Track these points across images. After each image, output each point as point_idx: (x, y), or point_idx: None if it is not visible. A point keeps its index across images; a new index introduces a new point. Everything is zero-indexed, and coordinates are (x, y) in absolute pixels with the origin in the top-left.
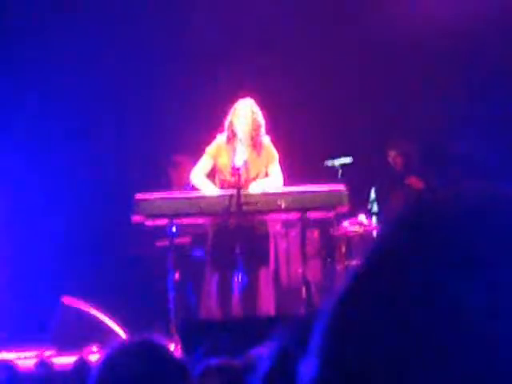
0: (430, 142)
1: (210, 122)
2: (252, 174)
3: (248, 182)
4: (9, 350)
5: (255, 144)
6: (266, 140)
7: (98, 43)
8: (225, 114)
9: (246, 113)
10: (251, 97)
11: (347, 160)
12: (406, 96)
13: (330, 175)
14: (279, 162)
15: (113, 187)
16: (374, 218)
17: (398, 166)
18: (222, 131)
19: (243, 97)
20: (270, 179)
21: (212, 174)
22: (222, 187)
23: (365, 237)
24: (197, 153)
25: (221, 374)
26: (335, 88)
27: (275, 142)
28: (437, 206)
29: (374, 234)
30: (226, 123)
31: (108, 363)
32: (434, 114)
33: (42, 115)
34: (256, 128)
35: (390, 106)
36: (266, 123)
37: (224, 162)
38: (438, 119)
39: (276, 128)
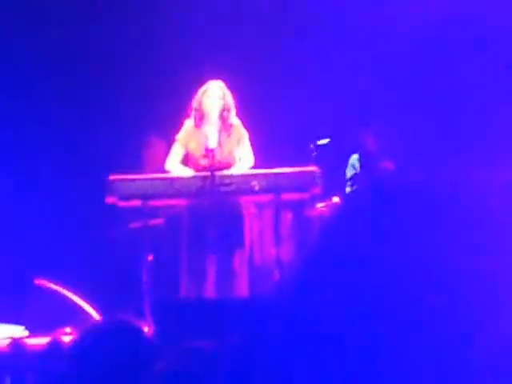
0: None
1: (182, 103)
2: (224, 154)
3: (221, 163)
4: None
5: (225, 125)
6: (235, 120)
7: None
8: (192, 93)
9: (217, 93)
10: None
11: (324, 141)
12: (378, 75)
13: (304, 157)
14: (250, 141)
15: (86, 168)
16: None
17: (372, 147)
18: (189, 115)
19: (212, 78)
20: (242, 163)
21: (185, 162)
22: (196, 171)
23: None
24: (170, 134)
25: (192, 355)
26: (308, 65)
27: (246, 125)
28: None
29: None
30: (195, 104)
31: (81, 343)
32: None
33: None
34: (227, 109)
35: (364, 85)
36: (236, 106)
37: (195, 146)
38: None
39: (247, 111)
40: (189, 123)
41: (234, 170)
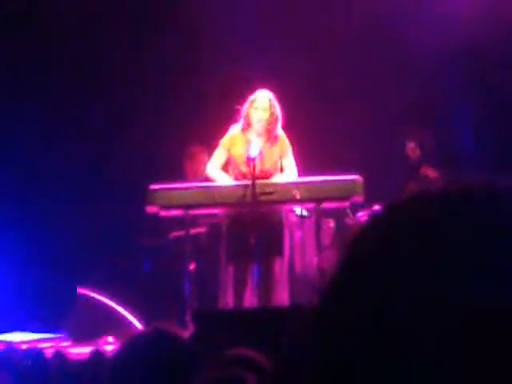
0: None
1: (223, 114)
2: (266, 165)
3: (263, 172)
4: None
5: (270, 136)
6: (281, 133)
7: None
8: (236, 104)
9: (264, 104)
10: (266, 88)
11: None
12: (421, 84)
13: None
14: (293, 154)
15: (128, 177)
16: None
17: (415, 156)
18: (234, 122)
19: (259, 88)
20: (285, 173)
21: (227, 166)
22: (236, 179)
23: None
24: (211, 144)
25: (236, 364)
26: (348, 77)
27: (290, 135)
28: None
29: None
30: (243, 112)
31: (123, 351)
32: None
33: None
34: (273, 121)
35: (405, 95)
36: (283, 117)
37: (238, 152)
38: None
39: (291, 121)
40: (235, 128)
41: (276, 179)
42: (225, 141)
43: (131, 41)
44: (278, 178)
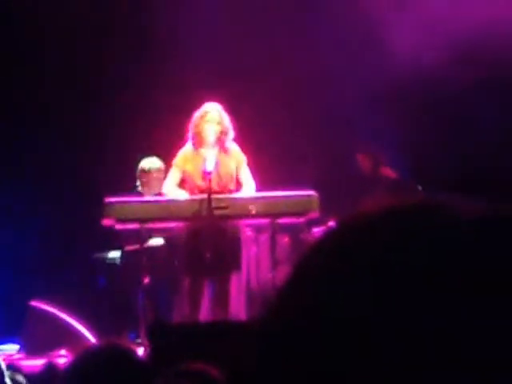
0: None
1: (180, 126)
2: (223, 178)
3: (219, 185)
4: None
5: (224, 148)
6: (233, 145)
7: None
8: (189, 116)
9: (215, 116)
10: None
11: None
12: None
13: (300, 181)
14: (249, 167)
15: (83, 190)
16: None
17: (368, 167)
18: (186, 138)
19: (209, 101)
20: (244, 189)
21: (182, 185)
22: (192, 194)
23: None
24: (167, 157)
25: (190, 378)
26: (300, 91)
27: (243, 148)
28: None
29: None
30: (192, 127)
31: (75, 367)
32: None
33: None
34: (225, 131)
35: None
36: (234, 129)
37: (192, 169)
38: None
39: (242, 134)
40: (186, 147)
41: (235, 195)
42: (178, 160)
43: (95, 52)
44: (240, 194)
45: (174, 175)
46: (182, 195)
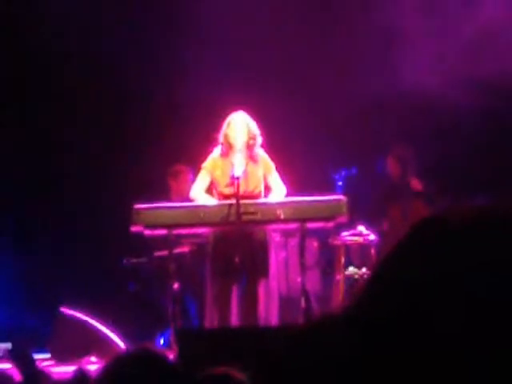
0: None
1: (208, 132)
2: (251, 186)
3: (247, 192)
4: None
5: (252, 155)
6: (261, 151)
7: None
8: (217, 127)
9: (240, 124)
10: (245, 110)
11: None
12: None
13: (330, 186)
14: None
15: (112, 197)
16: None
17: (396, 172)
18: (216, 145)
19: (235, 110)
20: (274, 192)
21: (211, 190)
22: (219, 200)
23: (364, 247)
24: (195, 163)
25: (215, 382)
26: (330, 96)
27: (271, 155)
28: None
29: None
30: (221, 137)
31: (107, 372)
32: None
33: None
34: (252, 137)
35: (387, 115)
36: (262, 136)
37: (220, 174)
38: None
39: (271, 140)
40: (216, 151)
41: (264, 200)
42: (207, 164)
43: (113, 60)
44: (270, 198)
45: (202, 179)
46: (210, 201)
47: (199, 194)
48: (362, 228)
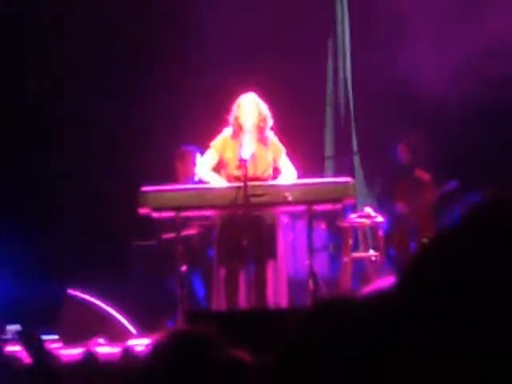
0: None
1: (216, 113)
2: (259, 169)
3: (255, 175)
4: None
5: (262, 137)
6: (271, 134)
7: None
8: (228, 108)
9: (251, 105)
10: (255, 92)
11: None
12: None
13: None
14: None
15: (119, 179)
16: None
17: (405, 158)
18: (226, 126)
19: (246, 91)
20: (284, 174)
21: (218, 169)
22: (228, 181)
23: (372, 229)
24: (203, 145)
25: (220, 365)
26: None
27: (279, 137)
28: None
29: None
30: (231, 118)
31: (164, 350)
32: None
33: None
34: (263, 119)
35: (394, 99)
36: (273, 119)
37: (230, 156)
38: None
39: (279, 123)
40: (227, 132)
41: (278, 181)
42: (217, 143)
43: (122, 44)
44: (280, 180)
45: (210, 157)
46: (218, 181)
47: (205, 171)
48: (369, 210)
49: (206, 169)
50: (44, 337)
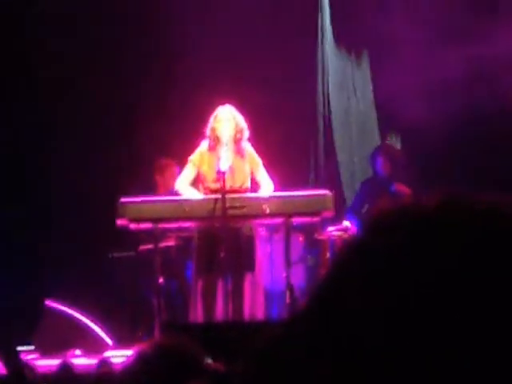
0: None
1: (195, 126)
2: (237, 181)
3: (233, 188)
4: None
5: (239, 149)
6: (248, 146)
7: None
8: (205, 120)
9: (227, 117)
10: (230, 104)
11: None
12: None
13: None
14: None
15: (98, 190)
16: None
17: (385, 171)
18: (203, 139)
19: (222, 104)
20: (263, 189)
21: (197, 183)
22: (206, 195)
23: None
24: (182, 157)
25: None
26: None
27: (258, 149)
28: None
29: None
30: (208, 131)
31: (141, 360)
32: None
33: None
34: (239, 131)
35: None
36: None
37: (207, 169)
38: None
39: (255, 135)
40: (204, 145)
41: (249, 194)
42: (194, 157)
43: (107, 50)
44: (252, 194)
45: (188, 172)
46: (195, 195)
47: (184, 186)
48: (347, 223)
49: (185, 184)
50: (20, 348)
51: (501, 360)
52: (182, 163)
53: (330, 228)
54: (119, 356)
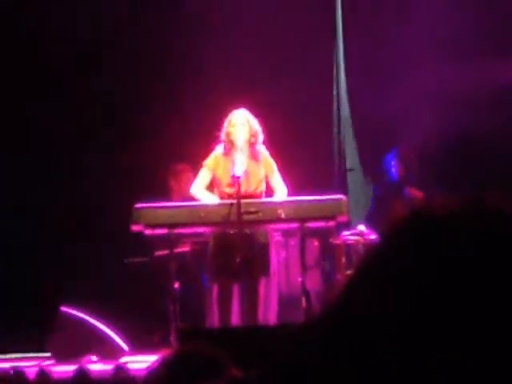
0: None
1: (210, 131)
2: (252, 186)
3: (248, 192)
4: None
5: (253, 153)
6: (263, 149)
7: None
8: (219, 125)
9: (242, 121)
10: (245, 107)
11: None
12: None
13: (329, 184)
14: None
15: (114, 196)
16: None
17: (399, 175)
18: (218, 143)
19: (237, 108)
20: (277, 195)
21: (211, 188)
22: (221, 199)
23: (365, 246)
24: (197, 162)
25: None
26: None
27: (271, 152)
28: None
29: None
30: (223, 135)
31: (166, 368)
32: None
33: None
34: (254, 134)
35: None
36: (263, 133)
37: (222, 173)
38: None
39: (271, 138)
40: (218, 149)
41: (264, 199)
42: (209, 161)
43: (113, 57)
44: (267, 199)
45: (203, 176)
46: (210, 199)
47: (200, 191)
48: (362, 227)
49: (200, 188)
50: (36, 354)
51: (504, 361)
52: (196, 168)
53: (345, 232)
54: (135, 362)
